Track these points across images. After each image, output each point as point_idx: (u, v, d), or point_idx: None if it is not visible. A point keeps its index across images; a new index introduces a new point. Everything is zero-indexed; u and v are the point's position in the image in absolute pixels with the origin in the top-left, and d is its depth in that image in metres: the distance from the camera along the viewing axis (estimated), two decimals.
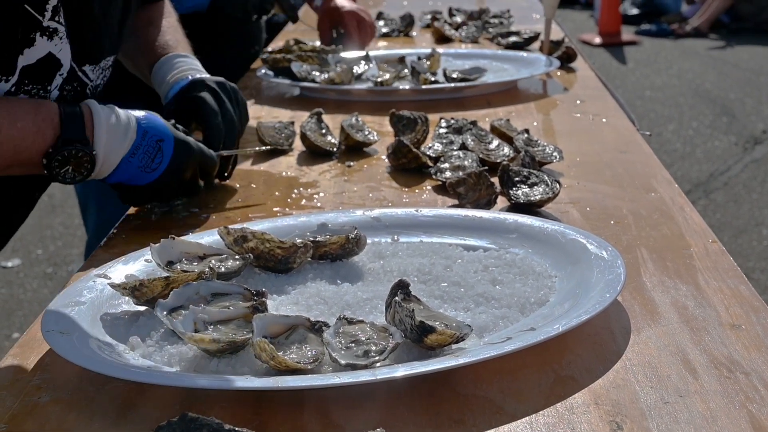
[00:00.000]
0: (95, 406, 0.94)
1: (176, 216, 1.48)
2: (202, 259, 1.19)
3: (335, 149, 1.77)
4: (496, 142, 1.68)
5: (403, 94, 2.18)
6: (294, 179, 1.65)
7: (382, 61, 2.31)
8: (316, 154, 1.77)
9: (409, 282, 1.03)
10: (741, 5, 9.69)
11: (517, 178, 1.44)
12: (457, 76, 2.20)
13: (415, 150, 1.62)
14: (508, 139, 1.71)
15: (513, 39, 2.73)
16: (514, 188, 1.42)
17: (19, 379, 1.01)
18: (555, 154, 1.61)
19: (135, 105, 1.63)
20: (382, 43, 2.95)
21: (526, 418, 0.88)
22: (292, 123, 1.89)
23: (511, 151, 1.64)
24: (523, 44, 2.71)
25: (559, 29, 3.00)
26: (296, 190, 1.58)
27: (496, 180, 1.44)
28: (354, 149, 1.78)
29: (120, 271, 1.19)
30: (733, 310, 1.08)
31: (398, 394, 0.93)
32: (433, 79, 2.18)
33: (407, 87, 2.19)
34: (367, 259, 1.22)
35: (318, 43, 2.65)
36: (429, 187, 1.56)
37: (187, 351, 0.99)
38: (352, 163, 1.71)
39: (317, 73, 2.22)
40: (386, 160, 1.68)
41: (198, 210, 1.50)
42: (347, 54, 2.40)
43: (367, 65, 2.31)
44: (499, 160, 1.60)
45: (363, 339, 0.98)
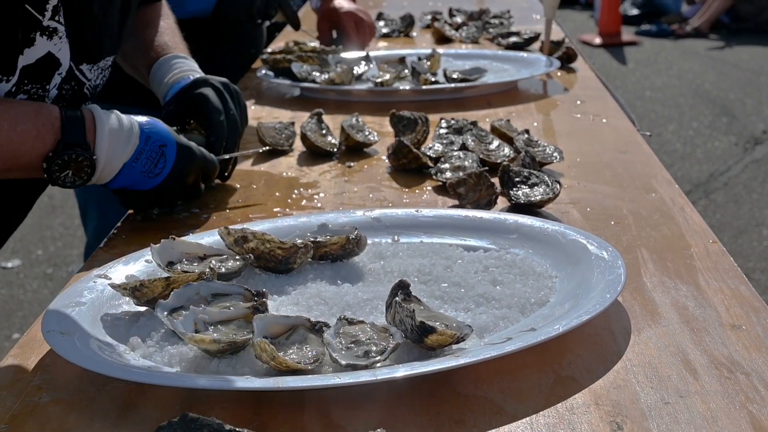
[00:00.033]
0: (96, 407, 0.94)
1: (176, 216, 1.48)
2: (202, 259, 1.19)
3: (335, 150, 1.77)
4: (496, 143, 1.68)
5: (403, 95, 2.18)
6: (294, 180, 1.65)
7: (382, 62, 2.31)
8: (316, 155, 1.77)
9: (409, 282, 1.03)
10: (741, 5, 9.69)
11: (517, 179, 1.44)
12: (457, 76, 2.20)
13: (415, 150, 1.62)
14: (508, 140, 1.71)
15: (513, 39, 2.73)
16: (515, 189, 1.43)
17: (19, 379, 1.01)
18: (555, 154, 1.61)
19: (133, 106, 1.63)
20: (382, 43, 2.95)
21: (527, 419, 0.88)
22: (293, 123, 1.89)
23: (512, 152, 1.64)
24: (524, 45, 2.71)
25: (560, 30, 3.00)
26: (296, 191, 1.58)
27: (496, 180, 1.44)
28: (354, 150, 1.78)
29: (120, 271, 1.19)
30: (733, 310, 1.08)
31: (399, 395, 0.93)
32: (433, 79, 2.18)
33: (407, 87, 2.19)
34: (368, 260, 1.23)
35: (317, 44, 2.64)
36: (429, 188, 1.56)
37: (187, 351, 0.99)
38: (352, 164, 1.71)
39: (317, 74, 2.22)
40: (386, 161, 1.68)
41: (198, 210, 1.50)
42: (347, 54, 2.40)
43: (368, 66, 2.31)
44: (499, 161, 1.60)
45: (363, 339, 0.98)
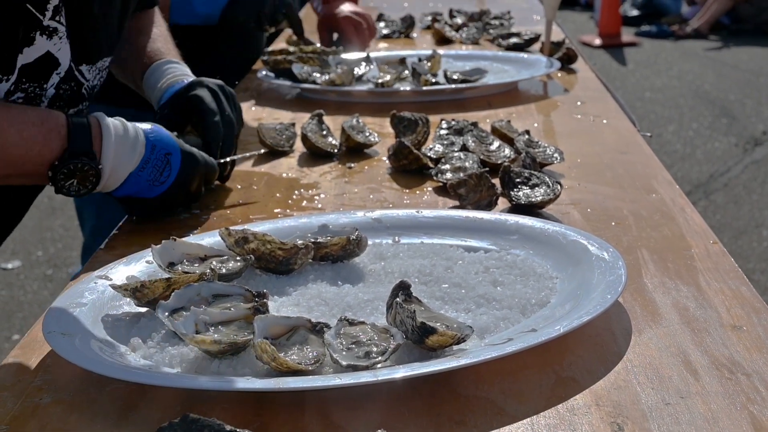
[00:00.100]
0: (97, 408, 0.94)
1: (177, 217, 1.48)
2: (203, 260, 1.19)
3: (336, 150, 1.77)
4: (496, 144, 1.68)
5: (403, 96, 2.18)
6: (295, 180, 1.65)
7: (382, 63, 2.31)
8: (316, 156, 1.77)
9: (410, 283, 1.03)
10: (741, 7, 9.70)
11: (518, 180, 1.44)
12: (457, 77, 2.20)
13: (416, 151, 1.62)
14: (508, 141, 1.71)
15: (514, 40, 2.73)
16: (515, 189, 1.43)
17: (20, 380, 1.01)
18: (556, 155, 1.61)
19: (127, 107, 1.63)
20: (382, 44, 2.95)
21: (527, 420, 0.88)
22: (293, 124, 1.89)
23: (512, 153, 1.64)
24: (524, 45, 2.71)
25: (560, 30, 3.00)
26: (297, 192, 1.58)
27: (497, 181, 1.44)
28: (355, 150, 1.78)
29: (121, 272, 1.19)
30: (734, 311, 1.08)
31: (399, 395, 0.93)
32: (433, 80, 2.18)
33: (408, 88, 2.19)
34: (368, 261, 1.23)
35: (318, 45, 2.65)
36: (430, 189, 1.56)
37: (188, 352, 0.99)
38: (352, 165, 1.71)
39: (318, 75, 2.22)
40: (387, 162, 1.68)
41: (199, 211, 1.50)
42: (348, 55, 2.40)
43: (368, 67, 2.31)
44: (500, 162, 1.60)
45: (364, 340, 0.98)
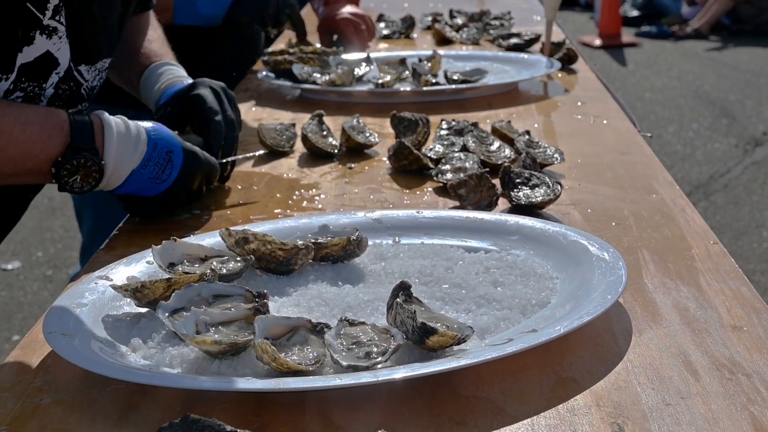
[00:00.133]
0: (97, 408, 0.94)
1: (177, 218, 1.48)
2: (203, 260, 1.19)
3: (336, 151, 1.77)
4: (497, 144, 1.68)
5: (404, 96, 2.18)
6: (295, 181, 1.65)
7: (383, 63, 2.31)
8: (317, 156, 1.77)
9: (410, 284, 1.03)
10: (741, 7, 9.70)
11: (518, 180, 1.44)
12: (458, 77, 2.20)
13: (416, 152, 1.62)
14: (509, 141, 1.71)
15: (514, 41, 2.73)
16: (516, 190, 1.43)
17: (20, 380, 1.01)
18: (556, 155, 1.61)
19: (128, 108, 1.63)
20: (382, 44, 2.95)
21: (528, 420, 0.88)
22: (293, 125, 1.89)
23: (512, 153, 1.64)
24: (524, 46, 2.71)
25: (560, 31, 3.00)
26: (297, 192, 1.58)
27: (497, 181, 1.44)
28: (355, 151, 1.78)
29: (121, 272, 1.19)
30: (734, 311, 1.08)
31: (400, 396, 0.93)
32: (434, 80, 2.18)
33: (408, 89, 2.19)
34: (369, 261, 1.23)
35: (318, 46, 2.65)
36: (430, 189, 1.56)
37: (188, 352, 0.99)
38: (353, 165, 1.71)
39: (318, 75, 2.22)
40: (387, 162, 1.68)
41: (199, 212, 1.50)
42: (348, 56, 2.40)
43: (368, 67, 2.31)
44: (500, 162, 1.60)
45: (364, 340, 0.98)
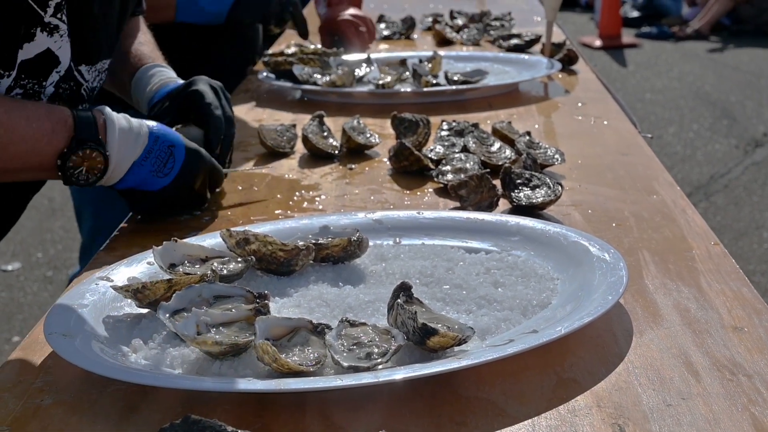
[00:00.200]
0: (98, 409, 0.94)
1: (178, 218, 1.48)
2: (204, 261, 1.19)
3: (337, 152, 1.77)
4: (497, 145, 1.68)
5: (404, 97, 2.18)
6: (296, 182, 1.65)
7: (383, 64, 2.31)
8: (317, 157, 1.77)
9: (411, 284, 1.03)
10: (742, 8, 9.70)
11: (519, 181, 1.44)
12: (458, 78, 2.20)
13: (416, 152, 1.62)
14: (509, 142, 1.71)
15: (514, 41, 2.73)
16: (516, 190, 1.43)
17: (21, 381, 1.01)
18: (557, 156, 1.61)
19: (128, 108, 1.62)
20: (383, 45, 2.95)
21: (528, 421, 0.88)
22: (294, 126, 1.89)
23: (513, 154, 1.64)
24: (525, 47, 2.71)
25: (561, 32, 3.00)
26: (298, 193, 1.58)
27: (497, 182, 1.44)
28: (355, 152, 1.78)
29: (122, 273, 1.19)
30: (735, 312, 1.08)
31: (400, 397, 0.93)
32: (434, 81, 2.18)
33: (409, 89, 2.19)
34: (369, 262, 1.23)
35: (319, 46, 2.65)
36: (431, 190, 1.56)
37: (189, 353, 0.99)
38: (353, 166, 1.71)
39: (319, 76, 2.22)
40: (388, 163, 1.68)
41: (200, 212, 1.50)
42: (349, 57, 2.40)
43: (369, 68, 2.31)
44: (500, 163, 1.60)
45: (365, 341, 0.98)
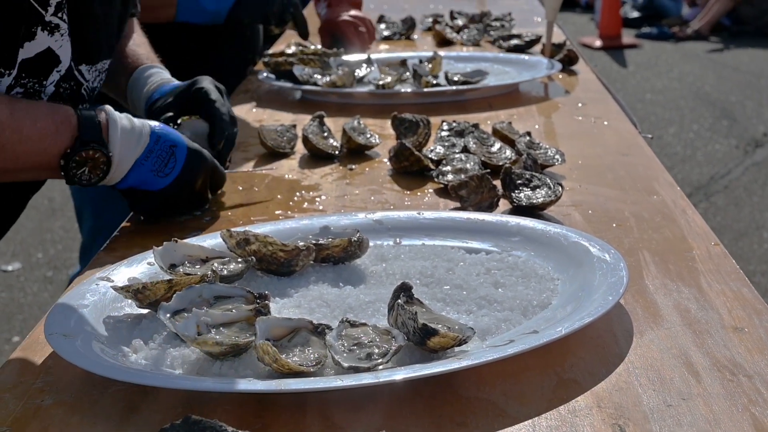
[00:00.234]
0: (98, 409, 0.94)
1: (178, 219, 1.48)
2: (204, 262, 1.19)
3: (337, 152, 1.77)
4: (498, 145, 1.68)
5: (404, 97, 2.18)
6: (296, 182, 1.65)
7: (383, 64, 2.31)
8: (318, 157, 1.77)
9: (411, 285, 1.03)
10: (742, 8, 9.70)
11: (519, 181, 1.44)
12: (458, 79, 2.20)
13: (417, 153, 1.62)
14: (510, 142, 1.71)
15: (514, 42, 2.73)
16: (517, 191, 1.43)
17: (22, 381, 1.01)
18: (557, 156, 1.61)
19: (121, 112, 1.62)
20: (383, 46, 2.95)
21: (529, 421, 0.88)
22: (294, 126, 1.89)
23: (513, 154, 1.64)
24: (525, 47, 2.71)
25: (561, 32, 3.00)
26: (298, 193, 1.58)
27: (498, 183, 1.44)
28: (356, 152, 1.78)
29: (123, 273, 1.19)
30: (735, 312, 1.08)
31: (400, 397, 0.93)
32: (434, 82, 2.18)
33: (409, 90, 2.19)
34: (370, 262, 1.23)
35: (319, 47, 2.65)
36: (431, 190, 1.56)
37: (189, 354, 0.99)
38: (354, 166, 1.71)
39: (319, 76, 2.22)
40: (388, 163, 1.68)
41: (200, 213, 1.50)
42: (349, 57, 2.40)
43: (369, 68, 2.31)
44: (501, 163, 1.60)
45: (365, 342, 0.98)
